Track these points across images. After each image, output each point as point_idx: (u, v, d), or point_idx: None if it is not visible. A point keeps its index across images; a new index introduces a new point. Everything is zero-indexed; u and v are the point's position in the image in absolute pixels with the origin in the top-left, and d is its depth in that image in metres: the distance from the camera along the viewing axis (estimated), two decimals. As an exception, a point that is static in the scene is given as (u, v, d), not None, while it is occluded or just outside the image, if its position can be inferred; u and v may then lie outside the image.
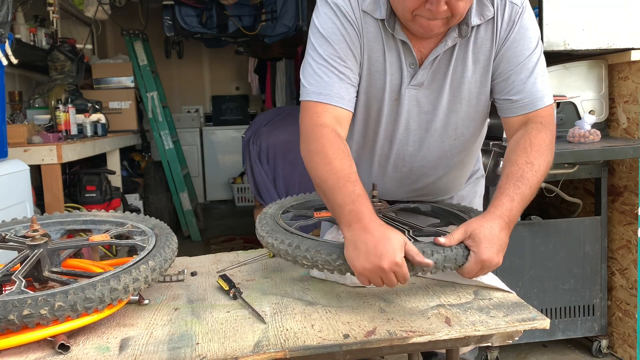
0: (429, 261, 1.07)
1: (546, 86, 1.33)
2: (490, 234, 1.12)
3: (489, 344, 1.07)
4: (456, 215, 1.40)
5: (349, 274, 1.26)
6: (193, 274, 1.37)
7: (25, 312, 0.91)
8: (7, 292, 1.06)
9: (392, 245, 1.04)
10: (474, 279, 1.23)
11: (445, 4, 1.16)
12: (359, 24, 1.29)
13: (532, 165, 1.23)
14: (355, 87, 1.32)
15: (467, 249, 1.12)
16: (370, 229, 1.07)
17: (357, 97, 1.35)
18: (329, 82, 1.27)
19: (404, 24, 1.26)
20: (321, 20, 1.30)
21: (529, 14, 1.32)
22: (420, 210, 1.49)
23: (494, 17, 1.29)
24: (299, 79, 1.36)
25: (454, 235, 1.12)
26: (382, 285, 1.08)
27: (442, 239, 1.12)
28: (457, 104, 1.36)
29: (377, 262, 1.04)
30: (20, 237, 1.23)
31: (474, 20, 1.28)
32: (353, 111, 1.32)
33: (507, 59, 1.31)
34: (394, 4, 1.24)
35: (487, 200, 1.42)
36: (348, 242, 1.09)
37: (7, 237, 1.24)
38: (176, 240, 1.24)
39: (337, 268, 1.09)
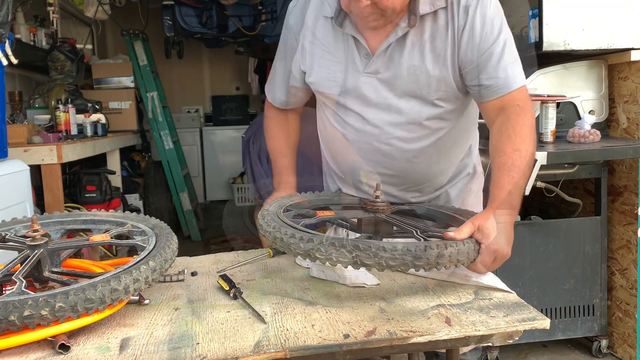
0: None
1: (518, 70, 1.35)
2: (498, 226, 1.17)
3: (490, 344, 1.07)
4: (452, 217, 1.41)
5: (348, 273, 1.27)
6: (193, 274, 1.37)
7: (26, 312, 0.92)
8: (7, 292, 1.06)
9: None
10: (475, 279, 1.24)
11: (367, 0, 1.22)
12: (301, 27, 1.47)
13: (520, 152, 1.27)
14: (287, 83, 1.57)
15: (478, 243, 1.15)
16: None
17: (311, 89, 1.52)
18: (272, 82, 1.63)
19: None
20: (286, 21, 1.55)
21: (489, 0, 1.33)
22: (416, 212, 1.49)
23: (447, 5, 1.32)
24: None
25: (462, 229, 1.16)
26: None
27: (451, 233, 1.15)
28: (417, 90, 1.38)
29: None
30: (20, 237, 1.23)
31: (424, 8, 1.31)
32: (289, 104, 1.63)
33: (472, 47, 1.33)
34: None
35: (487, 195, 1.43)
36: None
37: (7, 237, 1.24)
38: (176, 240, 1.24)
39: (353, 260, 1.08)
